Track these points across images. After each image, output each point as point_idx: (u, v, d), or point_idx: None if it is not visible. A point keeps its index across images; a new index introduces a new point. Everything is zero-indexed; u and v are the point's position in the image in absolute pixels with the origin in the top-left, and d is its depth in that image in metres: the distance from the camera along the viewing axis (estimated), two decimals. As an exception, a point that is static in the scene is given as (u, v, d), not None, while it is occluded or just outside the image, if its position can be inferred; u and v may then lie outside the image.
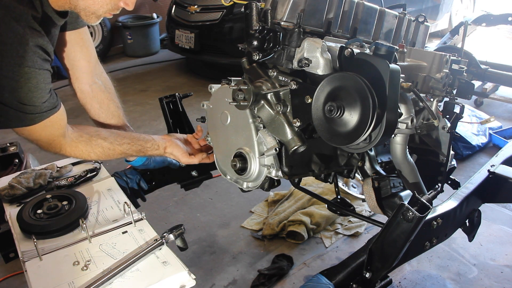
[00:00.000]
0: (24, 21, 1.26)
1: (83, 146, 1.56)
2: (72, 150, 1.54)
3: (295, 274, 2.35)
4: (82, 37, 1.68)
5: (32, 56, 1.27)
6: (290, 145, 1.47)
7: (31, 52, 1.26)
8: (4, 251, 1.57)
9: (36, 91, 1.30)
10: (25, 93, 1.29)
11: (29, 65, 1.26)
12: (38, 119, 1.36)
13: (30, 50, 1.26)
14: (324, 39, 1.46)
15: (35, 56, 1.28)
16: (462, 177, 2.17)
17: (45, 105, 1.36)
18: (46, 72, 1.33)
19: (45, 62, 1.32)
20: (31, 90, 1.29)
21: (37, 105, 1.33)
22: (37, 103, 1.32)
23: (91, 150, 1.57)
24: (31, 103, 1.31)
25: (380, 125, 1.27)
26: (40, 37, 1.30)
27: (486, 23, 3.59)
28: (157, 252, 1.33)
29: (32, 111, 1.33)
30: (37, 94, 1.31)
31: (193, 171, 2.09)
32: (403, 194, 1.61)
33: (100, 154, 1.60)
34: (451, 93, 1.66)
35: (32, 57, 1.27)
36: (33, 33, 1.28)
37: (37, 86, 1.30)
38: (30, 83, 1.28)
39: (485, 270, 2.37)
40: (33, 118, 1.35)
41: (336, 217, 2.75)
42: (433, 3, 6.68)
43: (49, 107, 1.38)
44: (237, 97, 1.48)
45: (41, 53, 1.30)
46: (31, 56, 1.26)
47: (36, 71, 1.28)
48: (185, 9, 5.30)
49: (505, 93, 4.30)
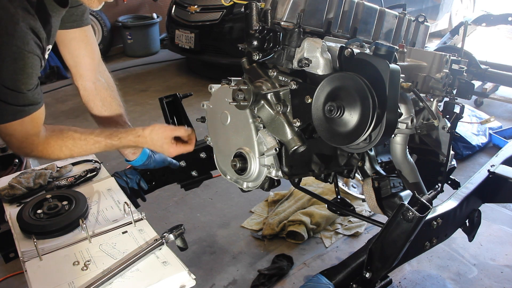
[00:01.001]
0: (17, 2, 1.22)
1: (54, 141, 1.47)
2: (44, 147, 1.46)
3: (295, 274, 2.35)
4: (86, 34, 1.68)
5: (22, 36, 1.21)
6: (290, 145, 1.47)
7: (22, 32, 1.21)
8: (4, 251, 1.57)
9: (21, 74, 1.25)
10: (9, 75, 1.23)
11: (18, 44, 1.21)
12: (19, 114, 1.31)
13: (21, 30, 1.21)
14: (324, 39, 1.46)
15: (26, 37, 1.22)
16: (462, 177, 2.17)
17: (29, 97, 1.30)
18: (35, 58, 1.27)
19: (35, 47, 1.27)
20: (16, 72, 1.24)
21: (20, 92, 1.27)
22: (20, 88, 1.26)
23: (62, 144, 1.48)
24: (15, 87, 1.25)
25: (380, 125, 1.27)
26: (33, 20, 1.25)
27: (486, 23, 3.59)
28: (157, 252, 1.33)
29: (14, 101, 1.27)
30: (22, 78, 1.25)
31: (193, 171, 2.09)
32: (403, 194, 1.61)
33: (72, 147, 1.49)
34: (451, 93, 1.66)
35: (22, 38, 1.21)
36: (25, 15, 1.23)
37: (24, 69, 1.25)
38: (16, 64, 1.23)
39: (485, 270, 2.37)
40: (14, 112, 1.30)
41: (336, 217, 2.75)
42: (433, 3, 6.68)
43: (33, 101, 1.32)
44: (237, 97, 1.48)
45: (32, 36, 1.24)
46: (20, 36, 1.21)
47: (24, 53, 1.23)
48: (185, 9, 5.30)
49: (505, 93, 4.30)
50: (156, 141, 1.61)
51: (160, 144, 1.61)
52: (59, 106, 4.76)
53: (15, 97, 1.28)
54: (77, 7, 1.59)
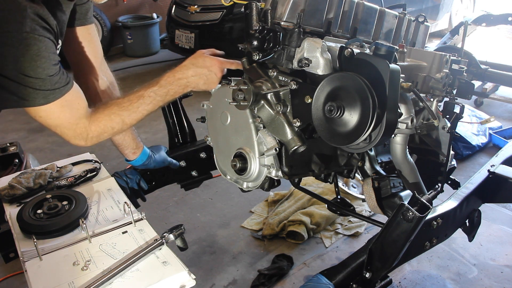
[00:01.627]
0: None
1: (101, 113, 1.43)
2: (96, 125, 1.42)
3: (295, 274, 2.35)
4: (90, 32, 1.68)
5: (30, 23, 1.21)
6: (290, 145, 1.47)
7: (29, 19, 1.21)
8: (4, 251, 1.57)
9: (39, 59, 1.23)
10: (28, 62, 1.22)
11: (28, 30, 1.20)
12: (51, 96, 1.29)
13: (28, 17, 1.21)
14: (324, 39, 1.46)
15: (34, 23, 1.22)
16: (462, 177, 2.17)
17: (55, 80, 1.28)
18: (48, 41, 1.26)
19: (46, 31, 1.25)
20: (34, 58, 1.22)
21: (43, 78, 1.25)
22: (42, 74, 1.25)
23: (109, 112, 1.43)
24: (36, 75, 1.24)
25: (380, 125, 1.27)
26: (40, 8, 1.25)
27: (486, 23, 3.59)
28: (157, 252, 1.33)
29: (41, 86, 1.26)
30: (40, 64, 1.24)
31: (193, 171, 2.09)
32: (403, 194, 1.61)
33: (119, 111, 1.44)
34: (451, 93, 1.66)
35: (30, 24, 1.21)
36: (31, 4, 1.23)
37: (39, 54, 1.23)
38: (31, 50, 1.22)
39: (485, 270, 2.37)
40: (45, 96, 1.28)
41: (336, 217, 2.75)
42: (433, 3, 6.69)
43: (61, 83, 1.31)
44: (237, 97, 1.48)
45: (40, 22, 1.24)
46: (29, 22, 1.20)
47: (36, 37, 1.22)
48: (185, 9, 5.30)
49: (505, 93, 4.30)
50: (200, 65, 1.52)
51: (204, 66, 1.52)
52: (59, 106, 4.75)
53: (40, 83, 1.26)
54: (81, 5, 1.59)
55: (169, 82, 1.50)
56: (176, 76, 1.51)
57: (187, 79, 1.51)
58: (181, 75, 1.51)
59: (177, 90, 1.51)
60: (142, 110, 1.48)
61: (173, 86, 1.50)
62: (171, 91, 1.50)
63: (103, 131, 1.44)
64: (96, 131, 1.43)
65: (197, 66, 1.51)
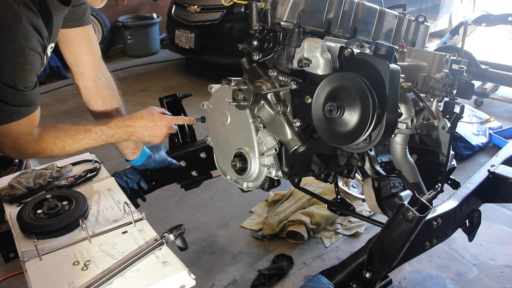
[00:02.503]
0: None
1: (47, 134, 1.44)
2: (38, 144, 1.43)
3: (295, 274, 2.35)
4: (87, 33, 1.68)
5: (24, 33, 1.22)
6: (290, 145, 1.47)
7: (24, 29, 1.22)
8: (4, 251, 1.57)
9: (20, 70, 1.24)
10: (9, 71, 1.23)
11: (20, 41, 1.21)
12: (16, 115, 1.30)
13: (23, 27, 1.22)
14: (324, 39, 1.46)
15: (28, 34, 1.23)
16: (462, 177, 2.17)
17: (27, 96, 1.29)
18: (35, 55, 1.28)
19: (37, 44, 1.27)
20: (16, 68, 1.24)
21: (18, 90, 1.26)
22: (18, 85, 1.26)
23: (55, 136, 1.45)
24: (13, 84, 1.25)
25: (380, 125, 1.27)
26: (35, 18, 1.26)
27: (486, 23, 3.59)
28: (157, 252, 1.33)
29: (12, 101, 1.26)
30: (20, 75, 1.25)
31: (193, 171, 2.09)
32: (403, 194, 1.61)
33: (64, 138, 1.46)
34: (451, 93, 1.66)
35: (24, 35, 1.22)
36: (28, 12, 1.24)
37: (23, 66, 1.25)
38: (17, 60, 1.23)
39: (485, 270, 2.37)
40: (11, 113, 1.29)
41: (336, 217, 2.75)
42: (433, 3, 6.68)
43: (31, 101, 1.32)
44: (237, 97, 1.48)
45: (34, 33, 1.25)
46: (23, 33, 1.21)
47: (26, 50, 1.23)
48: (185, 9, 5.31)
49: (505, 93, 4.30)
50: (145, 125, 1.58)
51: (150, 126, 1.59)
52: (59, 106, 4.76)
53: (13, 95, 1.28)
54: (78, 6, 1.59)
55: (117, 126, 1.55)
56: (126, 123, 1.56)
57: (135, 128, 1.57)
58: (130, 123, 1.56)
59: (122, 135, 1.56)
60: (85, 143, 1.51)
61: (119, 130, 1.55)
62: (116, 134, 1.55)
63: (42, 151, 1.46)
64: (36, 149, 1.44)
65: (146, 119, 1.58)
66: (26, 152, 1.44)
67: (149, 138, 1.60)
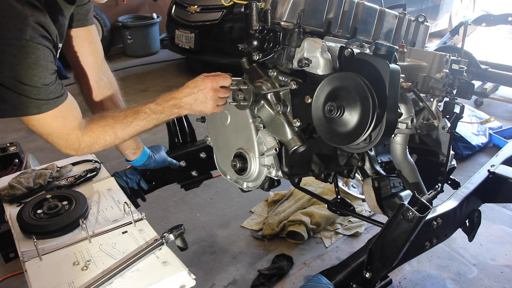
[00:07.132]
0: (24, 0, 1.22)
1: (95, 124, 1.43)
2: (89, 135, 1.42)
3: (295, 274, 2.35)
4: (90, 33, 1.68)
5: (31, 31, 1.21)
6: (290, 145, 1.47)
7: (30, 27, 1.21)
8: (4, 251, 1.57)
9: (36, 68, 1.23)
10: (24, 70, 1.22)
11: (27, 38, 1.20)
12: (44, 107, 1.29)
13: (29, 25, 1.21)
14: (324, 39, 1.46)
15: (34, 31, 1.22)
16: (462, 177, 2.17)
17: (50, 89, 1.28)
18: (46, 49, 1.26)
19: (45, 40, 1.25)
20: (31, 66, 1.22)
21: (38, 87, 1.25)
22: (38, 83, 1.25)
23: (104, 124, 1.44)
24: (32, 83, 1.24)
25: (380, 125, 1.27)
26: (42, 15, 1.25)
27: (486, 23, 3.59)
28: (157, 252, 1.33)
29: (35, 95, 1.26)
30: (37, 72, 1.24)
31: (193, 171, 2.09)
32: (403, 194, 1.61)
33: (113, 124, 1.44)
34: (451, 93, 1.66)
35: (31, 32, 1.21)
36: (33, 10, 1.23)
37: (37, 62, 1.23)
38: (29, 58, 1.21)
39: (485, 270, 2.36)
40: (38, 105, 1.28)
41: (336, 217, 2.75)
42: (433, 3, 6.69)
43: (56, 93, 1.31)
44: (237, 97, 1.48)
45: (41, 30, 1.24)
46: (30, 31, 1.21)
47: (35, 45, 1.22)
48: (185, 9, 5.30)
49: (505, 93, 4.30)
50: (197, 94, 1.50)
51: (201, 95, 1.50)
52: (59, 106, 4.75)
53: (36, 92, 1.26)
54: (82, 6, 1.59)
55: (165, 100, 1.49)
56: (172, 95, 1.50)
57: (181, 99, 1.50)
58: (176, 94, 1.51)
59: (172, 109, 1.51)
60: (136, 125, 1.47)
61: (167, 104, 1.50)
62: (165, 110, 1.50)
63: (95, 142, 1.44)
64: (89, 141, 1.43)
65: (189, 87, 1.51)
66: (81, 147, 1.43)
67: (197, 106, 1.50)
